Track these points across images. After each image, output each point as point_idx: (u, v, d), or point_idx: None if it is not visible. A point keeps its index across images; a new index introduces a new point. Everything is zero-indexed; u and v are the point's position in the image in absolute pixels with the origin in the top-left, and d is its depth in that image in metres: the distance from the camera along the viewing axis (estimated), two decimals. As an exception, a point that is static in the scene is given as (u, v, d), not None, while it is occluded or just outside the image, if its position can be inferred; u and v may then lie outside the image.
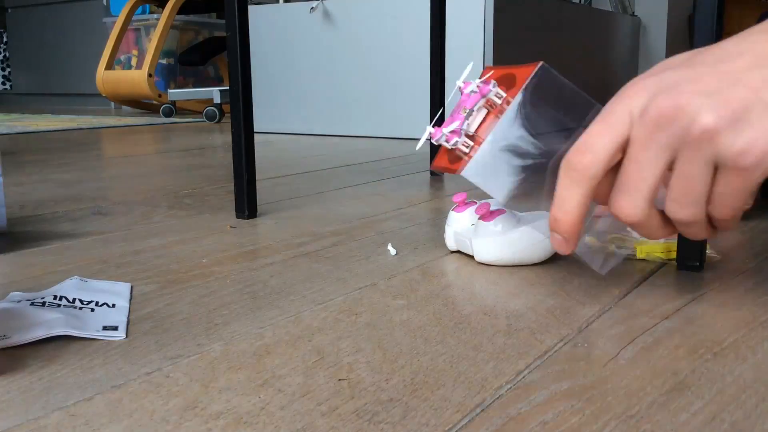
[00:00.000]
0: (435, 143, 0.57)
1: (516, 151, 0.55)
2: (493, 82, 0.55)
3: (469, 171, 0.54)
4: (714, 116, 0.40)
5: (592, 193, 0.44)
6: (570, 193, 0.45)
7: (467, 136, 0.55)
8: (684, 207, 0.43)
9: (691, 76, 0.42)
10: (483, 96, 0.55)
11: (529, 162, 0.56)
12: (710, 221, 0.45)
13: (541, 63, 0.55)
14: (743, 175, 0.41)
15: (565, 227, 0.45)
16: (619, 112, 0.43)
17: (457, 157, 0.56)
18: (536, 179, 0.56)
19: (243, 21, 0.79)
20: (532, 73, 0.55)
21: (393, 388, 0.37)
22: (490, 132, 0.54)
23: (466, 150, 0.55)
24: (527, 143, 0.54)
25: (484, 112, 0.56)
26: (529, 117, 0.55)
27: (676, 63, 0.44)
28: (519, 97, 0.54)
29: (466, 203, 0.65)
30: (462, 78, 0.58)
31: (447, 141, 0.55)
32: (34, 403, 0.36)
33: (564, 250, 0.46)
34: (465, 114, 0.55)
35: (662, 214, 0.45)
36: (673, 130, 0.41)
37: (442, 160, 0.58)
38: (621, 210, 0.44)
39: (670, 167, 0.42)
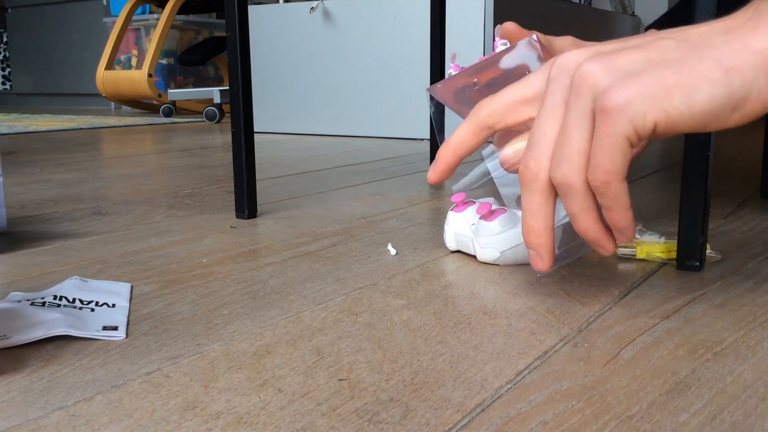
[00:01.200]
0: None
1: None
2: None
3: None
4: (595, 64, 0.40)
5: (479, 131, 0.46)
6: (459, 128, 0.47)
7: None
8: (560, 163, 0.42)
9: (604, 43, 0.43)
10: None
11: None
12: (607, 228, 0.44)
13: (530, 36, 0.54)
14: (609, 120, 0.39)
15: (441, 153, 0.48)
16: (538, 72, 0.45)
17: None
18: None
19: (243, 21, 0.79)
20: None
21: (393, 388, 0.37)
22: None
23: None
24: None
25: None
26: None
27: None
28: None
29: (464, 203, 0.65)
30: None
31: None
32: (34, 403, 0.36)
33: (432, 178, 0.49)
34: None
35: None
36: (563, 79, 0.42)
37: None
38: (526, 165, 0.43)
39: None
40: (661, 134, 0.40)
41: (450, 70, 0.57)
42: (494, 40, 0.57)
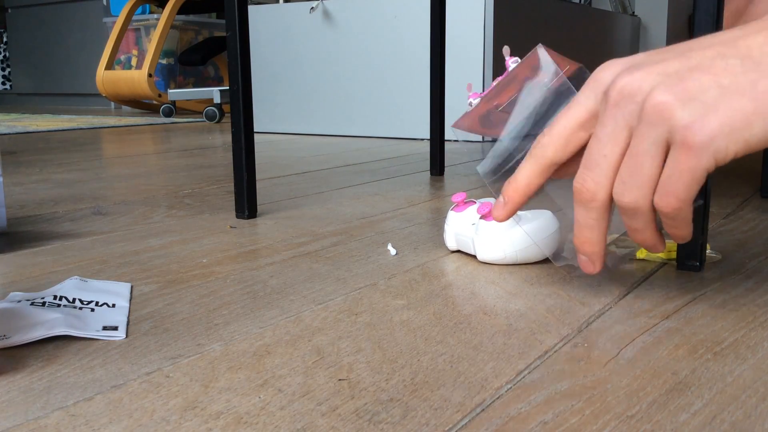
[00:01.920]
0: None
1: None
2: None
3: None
4: (668, 93, 0.40)
5: (547, 170, 0.46)
6: (524, 167, 0.47)
7: None
8: (629, 188, 0.43)
9: (656, 59, 0.42)
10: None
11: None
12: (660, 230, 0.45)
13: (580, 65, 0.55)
14: (691, 154, 0.40)
15: (510, 195, 0.48)
16: (586, 91, 0.44)
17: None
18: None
19: (243, 21, 0.79)
20: (574, 70, 0.55)
21: (393, 388, 0.37)
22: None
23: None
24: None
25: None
26: (545, 113, 0.55)
27: (651, 51, 0.44)
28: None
29: (465, 203, 0.65)
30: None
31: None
32: (34, 403, 0.36)
33: (500, 217, 0.49)
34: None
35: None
36: (629, 106, 0.41)
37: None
38: (582, 184, 0.44)
39: None
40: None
41: (470, 99, 0.58)
42: (506, 59, 0.58)
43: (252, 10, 2.10)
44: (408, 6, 1.84)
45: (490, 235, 0.60)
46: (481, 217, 0.61)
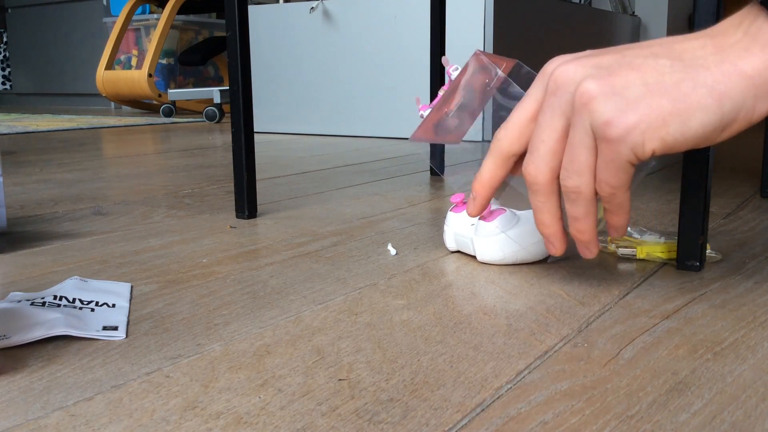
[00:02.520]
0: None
1: None
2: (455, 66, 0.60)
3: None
4: (594, 84, 0.42)
5: (505, 162, 0.49)
6: (486, 162, 0.50)
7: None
8: (570, 174, 0.45)
9: (597, 53, 0.44)
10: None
11: None
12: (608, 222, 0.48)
13: (516, 61, 0.59)
14: (611, 147, 0.43)
15: (477, 190, 0.51)
16: (536, 83, 0.47)
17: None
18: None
19: (243, 21, 0.79)
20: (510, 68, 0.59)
21: (393, 388, 0.37)
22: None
23: None
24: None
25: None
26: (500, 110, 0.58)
27: (600, 49, 0.46)
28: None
29: (464, 203, 0.65)
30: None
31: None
32: (34, 403, 0.36)
33: (472, 212, 0.52)
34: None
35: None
36: (564, 95, 0.44)
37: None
38: (526, 168, 0.47)
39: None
40: (659, 155, 0.43)
41: (420, 112, 0.63)
42: (446, 68, 0.62)
43: (252, 10, 2.10)
44: (408, 6, 1.84)
45: (489, 235, 0.60)
46: (480, 218, 0.61)
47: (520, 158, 0.49)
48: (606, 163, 0.44)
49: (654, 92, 0.41)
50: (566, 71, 0.44)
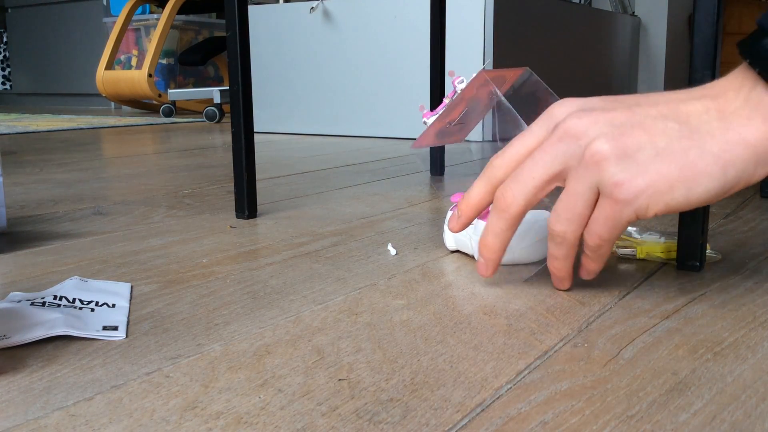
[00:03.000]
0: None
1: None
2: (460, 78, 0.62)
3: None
4: (608, 145, 0.44)
5: (495, 189, 0.50)
6: (477, 186, 0.51)
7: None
8: (561, 220, 0.47)
9: (607, 107, 0.46)
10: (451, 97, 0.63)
11: None
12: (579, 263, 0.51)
13: (525, 68, 0.62)
14: (616, 207, 0.45)
15: (463, 210, 0.52)
16: (540, 122, 0.49)
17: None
18: None
19: (243, 21, 0.79)
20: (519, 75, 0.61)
21: (393, 388, 0.37)
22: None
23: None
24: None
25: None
26: (503, 118, 0.60)
27: (606, 97, 0.48)
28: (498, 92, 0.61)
29: None
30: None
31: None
32: (34, 403, 0.36)
33: (454, 229, 0.54)
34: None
35: None
36: (572, 146, 0.46)
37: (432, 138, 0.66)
38: (504, 193, 0.49)
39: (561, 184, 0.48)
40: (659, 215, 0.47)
41: (424, 119, 0.65)
42: (453, 80, 0.64)
43: (252, 10, 2.10)
44: (408, 6, 1.84)
45: None
46: (479, 218, 0.61)
47: None
48: (604, 219, 0.46)
49: (663, 158, 0.44)
50: (579, 125, 0.45)
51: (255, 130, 2.09)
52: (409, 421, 0.34)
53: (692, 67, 0.56)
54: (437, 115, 0.64)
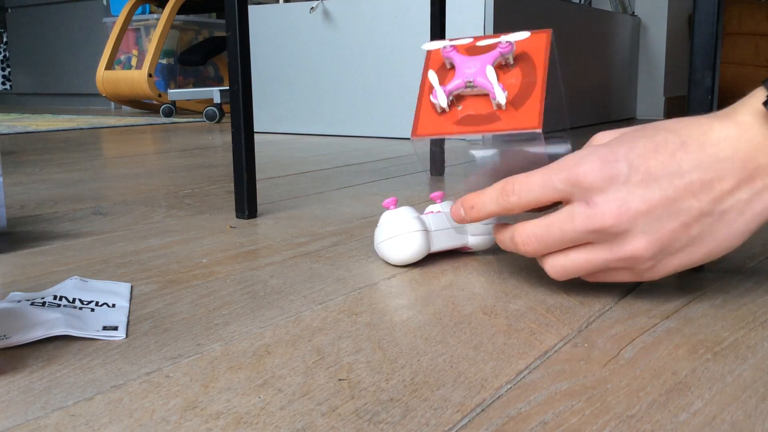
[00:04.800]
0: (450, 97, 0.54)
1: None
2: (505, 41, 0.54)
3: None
4: (645, 245, 0.46)
5: (503, 214, 0.51)
6: (489, 206, 0.51)
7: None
8: (540, 247, 0.49)
9: (639, 176, 0.46)
10: (503, 53, 0.53)
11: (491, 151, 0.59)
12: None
13: (550, 30, 0.55)
14: (635, 278, 0.48)
15: (468, 213, 0.52)
16: (562, 179, 0.47)
17: (492, 115, 0.53)
18: (486, 169, 0.59)
19: (243, 21, 0.79)
20: (550, 41, 0.54)
21: (393, 388, 0.37)
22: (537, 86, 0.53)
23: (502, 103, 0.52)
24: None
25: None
26: None
27: (636, 151, 0.47)
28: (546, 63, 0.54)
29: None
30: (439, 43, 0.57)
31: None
32: (34, 403, 0.36)
33: (456, 219, 0.54)
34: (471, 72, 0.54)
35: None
36: (605, 236, 0.46)
37: (447, 123, 0.54)
38: (527, 241, 0.50)
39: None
40: None
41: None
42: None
43: (252, 10, 2.10)
44: (408, 6, 1.84)
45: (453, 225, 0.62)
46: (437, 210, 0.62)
47: None
48: (605, 274, 0.49)
49: (696, 244, 0.46)
50: (616, 222, 0.45)
51: (255, 130, 2.09)
52: (409, 421, 0.34)
53: (692, 67, 0.56)
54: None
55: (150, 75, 2.89)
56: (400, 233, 0.59)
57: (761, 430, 0.33)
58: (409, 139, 1.87)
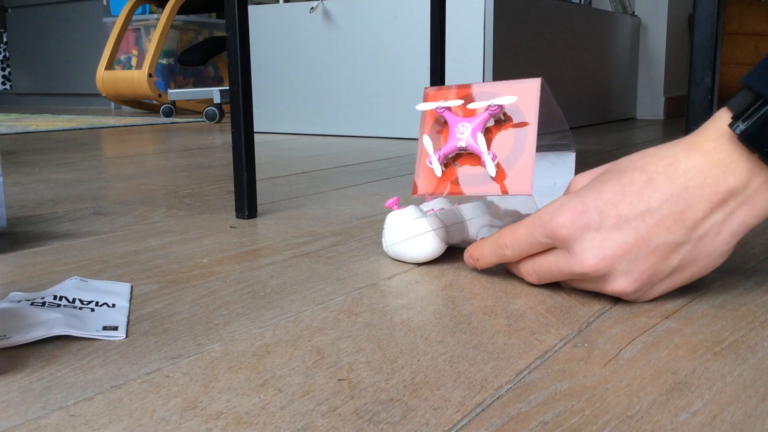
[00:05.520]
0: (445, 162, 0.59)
1: None
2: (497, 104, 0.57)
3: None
4: (626, 284, 0.48)
5: (501, 262, 0.55)
6: (487, 255, 0.55)
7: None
8: (531, 275, 0.53)
9: (611, 221, 0.47)
10: (492, 115, 0.57)
11: None
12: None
13: (540, 79, 0.58)
14: (614, 295, 0.50)
15: (470, 263, 0.57)
16: (544, 233, 0.50)
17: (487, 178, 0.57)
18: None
19: (243, 21, 0.79)
20: (538, 90, 0.57)
21: (393, 388, 0.37)
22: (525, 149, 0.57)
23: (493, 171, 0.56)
24: None
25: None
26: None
27: (607, 195, 0.48)
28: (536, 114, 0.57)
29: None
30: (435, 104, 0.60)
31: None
32: (34, 403, 0.36)
33: (470, 264, 0.57)
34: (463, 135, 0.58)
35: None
36: (589, 279, 0.49)
37: (444, 183, 0.59)
38: (528, 274, 0.54)
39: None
40: None
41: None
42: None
43: (252, 10, 2.10)
44: (408, 6, 1.84)
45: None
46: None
47: None
48: (583, 285, 0.51)
49: (677, 272, 0.48)
50: (595, 265, 0.47)
51: (255, 130, 2.09)
52: (409, 421, 0.34)
53: (692, 67, 0.56)
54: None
55: (150, 75, 2.89)
56: (418, 233, 0.60)
57: (761, 430, 0.33)
58: (408, 138, 1.87)
